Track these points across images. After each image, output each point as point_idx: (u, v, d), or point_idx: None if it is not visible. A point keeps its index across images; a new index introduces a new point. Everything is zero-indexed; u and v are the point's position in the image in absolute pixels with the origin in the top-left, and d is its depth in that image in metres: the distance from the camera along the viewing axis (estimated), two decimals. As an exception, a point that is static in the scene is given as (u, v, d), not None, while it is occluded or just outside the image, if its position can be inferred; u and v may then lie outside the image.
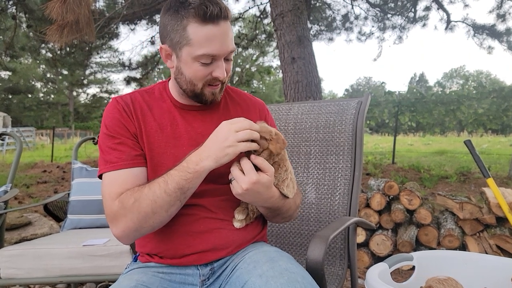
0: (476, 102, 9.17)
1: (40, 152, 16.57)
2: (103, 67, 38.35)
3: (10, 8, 8.61)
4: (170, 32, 1.14)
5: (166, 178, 1.07)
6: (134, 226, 1.08)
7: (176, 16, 1.11)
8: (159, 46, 1.20)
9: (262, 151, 1.10)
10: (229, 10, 1.13)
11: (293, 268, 1.06)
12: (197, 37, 1.10)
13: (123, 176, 1.14)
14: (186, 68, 1.16)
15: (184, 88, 1.22)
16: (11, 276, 2.02)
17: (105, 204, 1.13)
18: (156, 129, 1.22)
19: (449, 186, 6.69)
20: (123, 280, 1.14)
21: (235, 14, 11.17)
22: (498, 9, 9.41)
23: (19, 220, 3.77)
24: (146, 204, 1.06)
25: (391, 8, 10.80)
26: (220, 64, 1.16)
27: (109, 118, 1.21)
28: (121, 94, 1.29)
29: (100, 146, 1.20)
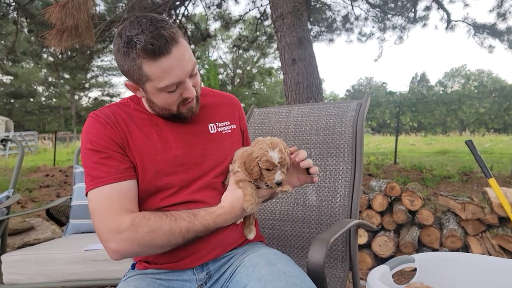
0: (478, 102, 9.16)
1: (43, 156, 16.61)
2: (104, 71, 38.52)
3: (12, 13, 8.65)
4: (128, 72, 1.14)
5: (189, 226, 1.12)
6: (136, 250, 1.10)
7: (127, 57, 1.10)
8: (124, 82, 1.21)
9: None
10: (176, 33, 1.11)
11: (292, 271, 1.07)
12: (154, 72, 1.10)
13: (120, 191, 1.14)
14: (155, 98, 1.18)
15: (160, 114, 1.24)
16: (13, 282, 2.03)
17: (104, 218, 1.10)
18: (142, 137, 1.22)
19: (451, 186, 6.67)
20: (121, 287, 1.15)
21: (235, 16, 11.20)
22: (499, 8, 9.40)
23: (22, 225, 3.78)
24: (161, 240, 1.10)
25: (391, 9, 10.81)
26: (186, 85, 1.16)
27: (93, 133, 1.18)
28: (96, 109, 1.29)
29: (84, 163, 1.18)
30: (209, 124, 1.33)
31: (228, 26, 11.24)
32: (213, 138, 1.31)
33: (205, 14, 11.02)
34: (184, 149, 1.24)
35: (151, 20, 1.09)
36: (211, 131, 1.32)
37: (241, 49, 12.85)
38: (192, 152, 1.25)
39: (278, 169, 1.16)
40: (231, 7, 45.88)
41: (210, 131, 1.32)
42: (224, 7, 10.53)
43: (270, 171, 1.17)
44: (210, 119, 1.34)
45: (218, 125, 1.34)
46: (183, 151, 1.24)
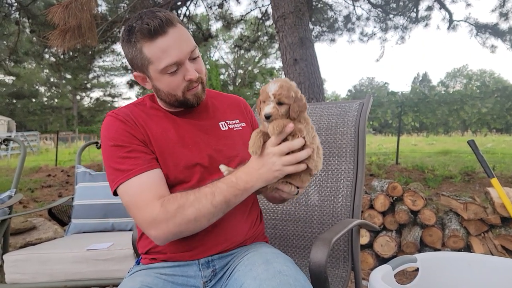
0: (480, 102, 9.15)
1: (45, 156, 16.64)
2: (106, 71, 38.59)
3: (14, 13, 8.67)
4: (132, 60, 1.22)
5: (213, 189, 1.11)
6: (175, 230, 1.11)
7: (130, 44, 1.19)
8: (133, 74, 1.28)
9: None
10: (172, 17, 1.18)
11: (287, 271, 1.07)
12: (153, 53, 1.16)
13: (149, 180, 1.16)
14: (159, 84, 1.23)
15: (168, 101, 1.27)
16: (16, 281, 2.04)
17: (140, 210, 1.13)
18: (161, 132, 1.26)
19: (453, 186, 6.66)
20: (127, 281, 1.16)
21: (237, 16, 11.19)
22: (501, 7, 9.38)
23: (24, 224, 3.78)
24: (191, 211, 1.09)
25: (393, 9, 10.79)
26: (187, 67, 1.20)
27: (113, 130, 1.22)
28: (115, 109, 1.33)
29: (107, 160, 1.21)
30: (220, 122, 1.37)
31: (230, 26, 11.24)
32: (225, 135, 1.34)
33: (207, 14, 11.03)
34: (199, 144, 1.28)
35: (151, 10, 1.18)
36: (222, 128, 1.36)
37: (243, 49, 12.84)
38: (206, 148, 1.28)
39: (270, 102, 1.09)
40: (232, 7, 46.06)
41: (222, 128, 1.36)
42: (225, 7, 10.53)
43: (264, 104, 1.12)
44: (220, 118, 1.39)
45: (229, 123, 1.39)
46: (199, 146, 1.28)
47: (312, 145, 1.11)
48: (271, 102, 1.09)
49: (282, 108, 1.09)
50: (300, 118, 1.13)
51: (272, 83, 1.11)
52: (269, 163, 1.09)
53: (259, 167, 1.10)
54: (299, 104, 1.11)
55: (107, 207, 2.59)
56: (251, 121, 1.49)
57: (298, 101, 1.11)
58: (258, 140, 1.12)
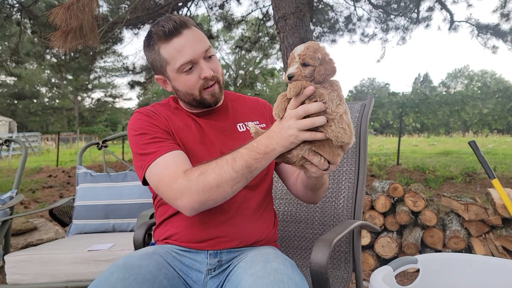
0: (481, 102, 9.13)
1: (46, 157, 16.66)
2: (107, 72, 38.56)
3: (15, 14, 8.69)
4: (153, 63, 1.31)
5: (234, 155, 1.11)
6: (199, 197, 1.11)
7: (149, 48, 1.29)
8: (154, 77, 1.37)
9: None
10: (187, 20, 1.27)
11: (283, 270, 1.08)
12: (169, 53, 1.25)
13: (173, 157, 1.21)
14: (177, 83, 1.30)
15: (187, 101, 1.34)
16: (17, 282, 2.04)
17: (165, 185, 1.16)
18: (183, 127, 1.33)
19: (454, 187, 6.65)
20: (144, 248, 1.28)
21: (237, 17, 11.21)
22: (502, 8, 9.37)
23: (25, 225, 3.79)
24: (212, 177, 1.10)
25: (394, 9, 10.78)
26: (202, 65, 1.26)
27: (138, 122, 1.30)
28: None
29: (133, 148, 1.27)
30: (238, 124, 1.42)
31: (231, 27, 11.25)
32: (242, 136, 1.37)
33: (208, 15, 11.05)
34: (215, 144, 1.33)
35: (168, 15, 1.27)
36: (240, 130, 1.40)
37: (244, 50, 12.87)
38: (221, 147, 1.32)
39: (295, 62, 1.05)
40: (233, 8, 46.17)
41: (239, 130, 1.40)
42: (226, 8, 10.55)
43: (290, 65, 1.08)
44: (239, 119, 1.43)
45: (247, 124, 1.42)
46: (214, 145, 1.33)
47: (333, 113, 1.03)
48: (296, 63, 1.05)
49: (306, 69, 1.04)
50: (326, 84, 1.06)
51: (300, 45, 1.07)
52: (286, 126, 1.07)
53: (278, 130, 1.08)
54: (326, 67, 1.04)
55: (108, 208, 2.59)
56: (272, 121, 1.43)
57: (325, 64, 1.05)
58: (282, 103, 1.09)
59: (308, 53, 1.03)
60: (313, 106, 1.02)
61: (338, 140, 1.05)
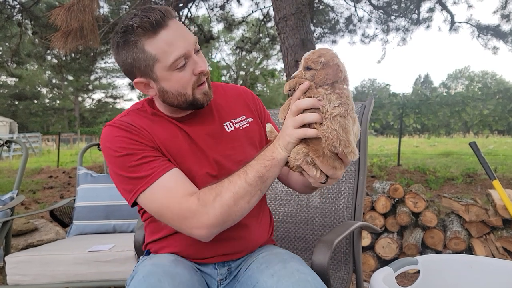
0: (482, 103, 9.12)
1: (46, 157, 16.66)
2: (108, 73, 38.64)
3: (16, 15, 8.69)
4: (133, 64, 1.12)
5: (245, 168, 1.07)
6: (217, 221, 1.04)
7: (128, 46, 1.10)
8: (133, 83, 1.16)
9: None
10: (170, 9, 1.12)
11: (305, 270, 1.08)
12: (159, 48, 1.08)
13: (173, 179, 1.10)
14: (168, 84, 1.13)
15: (176, 104, 1.18)
16: (17, 283, 2.04)
17: (174, 212, 1.06)
18: (169, 137, 1.19)
19: (455, 188, 6.65)
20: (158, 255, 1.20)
21: (238, 18, 11.21)
22: (503, 9, 9.36)
23: (26, 226, 3.79)
24: (228, 196, 1.04)
25: (394, 10, 10.79)
26: (195, 59, 1.14)
27: (118, 140, 1.12)
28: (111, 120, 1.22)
29: (118, 171, 1.12)
30: (225, 123, 1.29)
31: (231, 27, 11.25)
32: (231, 136, 1.28)
33: (208, 16, 11.06)
34: (206, 152, 1.22)
35: (141, 8, 1.11)
36: (227, 130, 1.29)
37: (244, 51, 12.86)
38: (214, 154, 1.22)
39: (300, 66, 1.06)
40: (234, 9, 46.18)
41: (227, 130, 1.28)
42: (227, 9, 10.55)
43: None
44: (225, 118, 1.31)
45: (234, 122, 1.31)
46: (206, 154, 1.22)
47: (327, 113, 0.99)
48: (300, 66, 1.06)
49: (308, 73, 1.04)
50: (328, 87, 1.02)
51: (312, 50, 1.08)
52: (284, 126, 1.05)
53: (280, 134, 1.07)
54: (327, 72, 1.02)
55: (108, 209, 2.60)
56: (257, 111, 1.40)
57: (328, 68, 1.02)
58: (286, 104, 1.09)
59: (312, 57, 1.03)
60: (305, 101, 1.00)
61: (328, 141, 0.99)
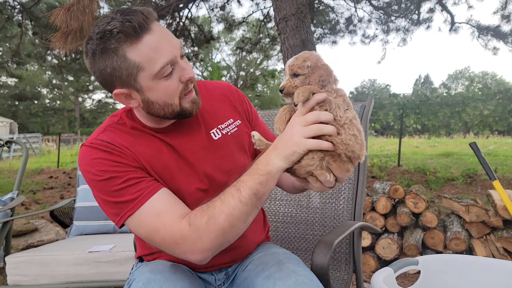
0: (482, 104, 9.11)
1: (47, 158, 16.66)
2: (108, 73, 38.56)
3: (16, 16, 8.70)
4: (112, 74, 0.99)
5: (237, 185, 0.99)
6: (212, 245, 0.98)
7: (107, 53, 0.97)
8: (112, 95, 1.04)
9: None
10: (152, 11, 1.02)
11: (301, 271, 1.06)
12: (143, 55, 0.97)
13: (161, 200, 1.02)
14: (153, 94, 1.03)
15: (162, 115, 1.08)
16: (17, 283, 2.04)
17: (165, 237, 0.99)
18: (153, 154, 1.10)
19: (455, 188, 6.64)
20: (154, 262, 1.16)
21: (238, 18, 11.22)
22: (503, 10, 9.36)
23: (26, 226, 3.79)
24: (223, 218, 0.96)
25: (394, 11, 10.79)
26: (182, 65, 1.04)
27: (98, 163, 1.03)
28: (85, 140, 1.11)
29: (101, 195, 1.04)
30: (211, 131, 1.21)
31: (232, 28, 11.26)
32: (219, 144, 1.20)
33: (209, 16, 11.06)
34: (195, 165, 1.15)
35: (118, 9, 0.99)
36: (215, 138, 1.20)
37: (245, 51, 12.86)
38: (203, 167, 1.15)
39: (286, 75, 1.02)
40: (234, 9, 46.23)
41: (214, 138, 1.20)
42: (227, 9, 10.55)
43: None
44: (211, 124, 1.21)
45: (222, 128, 1.22)
46: (194, 168, 1.15)
47: (342, 118, 0.96)
48: (286, 76, 1.01)
49: (296, 80, 0.99)
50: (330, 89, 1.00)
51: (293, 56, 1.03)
52: (289, 134, 0.97)
53: (279, 143, 0.99)
54: (320, 73, 0.98)
55: (108, 209, 2.59)
56: (245, 112, 1.32)
57: (318, 69, 0.99)
58: (283, 115, 1.03)
59: (297, 63, 1.00)
60: (325, 114, 0.95)
61: (348, 148, 0.96)
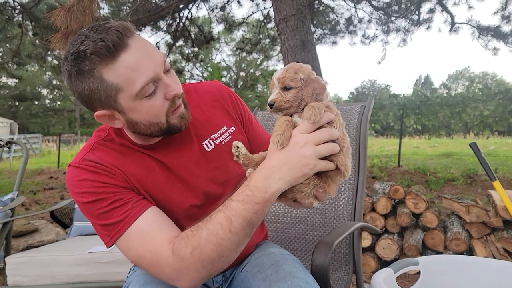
0: (482, 104, 9.11)
1: (47, 158, 16.66)
2: (108, 73, 38.59)
3: (17, 16, 8.70)
4: (91, 95, 0.94)
5: (228, 214, 0.91)
6: (200, 275, 0.93)
7: (83, 75, 0.91)
8: (94, 116, 0.99)
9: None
10: (128, 25, 0.94)
11: (297, 273, 1.05)
12: (121, 76, 0.91)
13: (148, 222, 0.97)
14: (136, 114, 0.97)
15: (149, 134, 1.02)
16: (18, 283, 2.04)
17: (151, 264, 0.95)
18: (144, 172, 1.06)
19: (455, 189, 6.64)
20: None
21: (238, 19, 11.22)
22: (503, 10, 9.37)
23: (26, 227, 3.79)
24: (210, 249, 0.90)
25: (394, 11, 10.79)
26: (167, 81, 0.97)
27: (85, 185, 0.99)
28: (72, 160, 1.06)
29: (89, 217, 1.01)
30: (204, 142, 1.15)
31: (232, 28, 11.26)
32: (213, 156, 1.15)
33: (209, 17, 11.07)
34: (189, 181, 1.11)
35: (93, 26, 0.93)
36: (208, 149, 1.15)
37: (245, 52, 12.88)
38: (197, 181, 1.11)
39: (275, 88, 0.94)
40: (234, 10, 46.18)
41: (207, 149, 1.15)
42: (227, 10, 10.56)
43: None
44: (203, 135, 1.16)
45: (215, 138, 1.16)
46: (188, 184, 1.11)
47: (343, 141, 0.94)
48: (276, 89, 0.94)
49: (288, 93, 0.92)
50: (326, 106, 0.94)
51: (280, 68, 0.96)
52: (299, 155, 0.89)
53: (282, 163, 0.90)
54: (314, 86, 0.92)
55: (109, 210, 2.59)
56: (239, 116, 1.25)
57: (312, 82, 0.93)
58: (287, 129, 0.92)
59: (288, 75, 0.93)
60: (336, 132, 0.91)
61: (347, 170, 0.95)
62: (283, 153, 0.91)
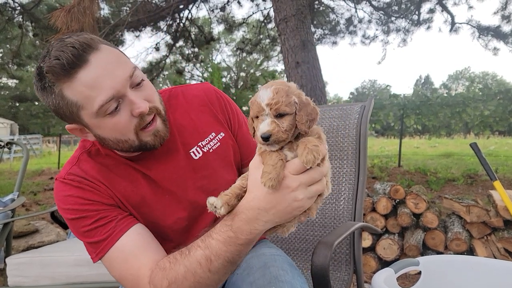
0: (482, 104, 9.11)
1: (47, 159, 16.67)
2: (108, 74, 38.58)
3: (17, 17, 8.71)
4: (56, 110, 0.94)
5: (207, 252, 0.88)
6: None
7: (46, 91, 0.91)
8: (66, 127, 1.00)
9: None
10: (91, 38, 0.91)
11: (284, 276, 1.01)
12: (79, 94, 0.88)
13: (131, 243, 0.97)
14: (102, 131, 0.95)
15: (119, 150, 1.01)
16: (18, 284, 2.04)
17: (130, 283, 0.97)
18: (129, 186, 1.05)
19: (456, 189, 6.64)
20: None
21: (239, 19, 11.23)
22: (503, 10, 9.36)
23: (27, 227, 3.79)
24: (188, 285, 0.89)
25: (395, 11, 10.79)
26: (131, 98, 0.93)
27: (70, 201, 0.99)
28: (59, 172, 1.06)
29: (75, 233, 1.03)
30: (191, 150, 1.12)
31: (232, 29, 11.26)
32: (200, 164, 1.12)
33: (209, 17, 11.07)
34: (176, 193, 1.09)
35: (60, 38, 0.91)
36: (195, 157, 1.12)
37: (245, 52, 12.89)
38: (184, 192, 1.10)
39: (266, 116, 0.79)
40: (234, 10, 46.27)
41: (195, 157, 1.12)
42: (227, 10, 10.56)
43: (257, 120, 0.81)
44: (191, 143, 1.13)
45: (202, 145, 1.14)
46: (175, 196, 1.09)
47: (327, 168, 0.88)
48: (267, 117, 0.79)
49: (284, 121, 0.79)
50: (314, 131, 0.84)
51: (263, 89, 0.80)
52: (289, 198, 0.83)
53: (270, 206, 0.84)
54: (307, 111, 0.81)
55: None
56: (227, 121, 1.21)
57: (305, 106, 0.81)
58: (280, 170, 0.81)
59: (281, 100, 0.78)
60: (327, 169, 0.87)
61: (327, 189, 0.90)
62: (272, 195, 0.84)
